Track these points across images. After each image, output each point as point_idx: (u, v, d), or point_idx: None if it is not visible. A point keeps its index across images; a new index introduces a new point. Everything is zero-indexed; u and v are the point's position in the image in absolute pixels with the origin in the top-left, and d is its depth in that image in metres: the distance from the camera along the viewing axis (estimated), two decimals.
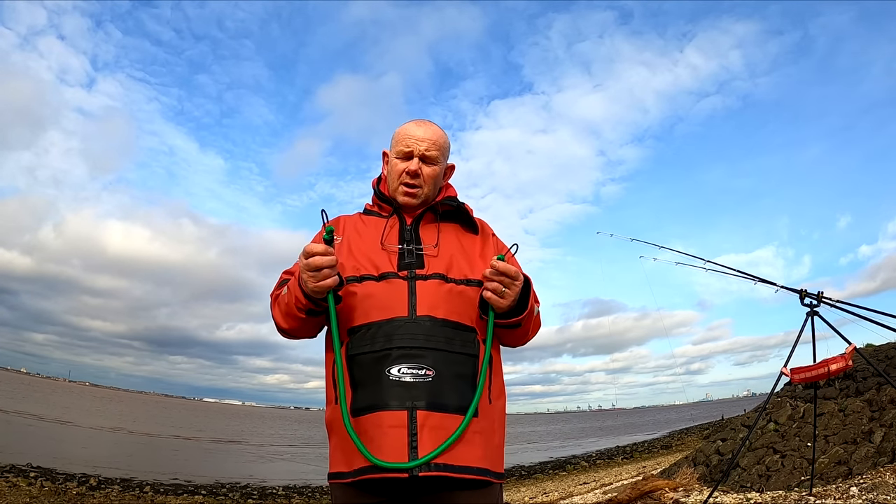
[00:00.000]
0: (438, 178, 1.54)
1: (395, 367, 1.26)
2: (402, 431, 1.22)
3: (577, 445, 31.16)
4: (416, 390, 1.25)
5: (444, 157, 1.55)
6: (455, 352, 1.31)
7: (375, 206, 1.59)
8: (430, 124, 1.54)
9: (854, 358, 4.01)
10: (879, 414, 6.59)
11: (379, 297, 1.34)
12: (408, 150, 1.48)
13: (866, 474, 5.29)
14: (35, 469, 12.32)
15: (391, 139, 1.57)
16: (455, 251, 1.46)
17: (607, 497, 7.70)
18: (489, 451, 1.31)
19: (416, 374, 1.26)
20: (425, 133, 1.50)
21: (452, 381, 1.29)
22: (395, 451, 1.20)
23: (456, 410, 1.26)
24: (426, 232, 1.49)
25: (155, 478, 13.87)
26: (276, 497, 13.18)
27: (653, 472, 10.84)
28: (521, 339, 1.48)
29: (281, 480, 16.26)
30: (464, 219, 1.56)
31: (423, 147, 1.48)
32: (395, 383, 1.25)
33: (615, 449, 25.19)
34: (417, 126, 1.52)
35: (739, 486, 6.75)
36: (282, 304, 1.40)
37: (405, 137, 1.50)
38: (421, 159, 1.48)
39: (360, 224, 1.54)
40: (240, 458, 24.25)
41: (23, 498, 9.20)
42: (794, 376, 4.12)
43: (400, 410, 1.23)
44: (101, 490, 11.12)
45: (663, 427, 43.34)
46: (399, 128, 1.55)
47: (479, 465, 1.26)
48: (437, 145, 1.50)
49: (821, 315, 4.09)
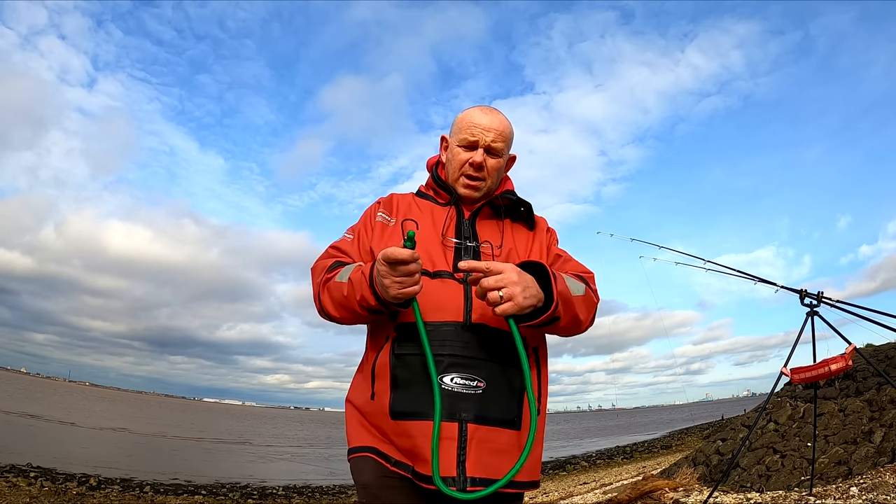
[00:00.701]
0: (501, 170, 1.44)
1: (448, 375, 1.20)
2: (451, 444, 1.17)
3: (577, 445, 31.14)
4: (466, 402, 1.20)
5: (509, 149, 1.44)
6: (506, 362, 1.25)
7: (431, 191, 1.50)
8: (497, 112, 1.43)
9: (854, 358, 4.01)
10: (879, 414, 6.59)
11: (433, 297, 1.25)
12: (473, 139, 1.38)
13: (866, 474, 5.29)
14: (35, 469, 12.31)
15: (452, 124, 1.46)
16: (512, 252, 1.38)
17: (607, 497, 7.70)
18: (534, 463, 1.27)
19: (467, 385, 1.20)
20: (492, 122, 1.39)
21: (501, 393, 1.23)
22: (444, 464, 1.15)
23: (500, 423, 1.21)
24: (484, 228, 1.41)
25: (155, 478, 13.86)
26: (276, 497, 13.18)
27: (653, 472, 10.84)
28: (575, 327, 1.32)
29: (281, 480, 16.25)
30: (522, 215, 1.47)
31: (489, 138, 1.38)
32: (447, 393, 1.19)
33: (615, 449, 25.18)
34: (483, 114, 1.41)
35: (739, 486, 6.75)
36: (336, 294, 1.29)
37: (470, 125, 1.39)
38: (486, 150, 1.38)
39: (414, 208, 1.45)
40: (240, 458, 24.24)
41: (23, 498, 9.19)
42: (794, 376, 4.13)
43: (451, 422, 1.18)
44: (101, 490, 11.12)
45: (663, 427, 43.32)
46: (462, 113, 1.44)
47: (524, 480, 1.24)
48: (504, 136, 1.40)
49: (821, 315, 4.09)
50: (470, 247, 1.36)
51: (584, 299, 1.30)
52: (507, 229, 1.43)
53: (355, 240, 1.44)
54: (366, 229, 1.45)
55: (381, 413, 1.25)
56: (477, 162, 1.37)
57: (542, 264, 1.23)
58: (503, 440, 1.21)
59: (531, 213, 1.47)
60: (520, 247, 1.41)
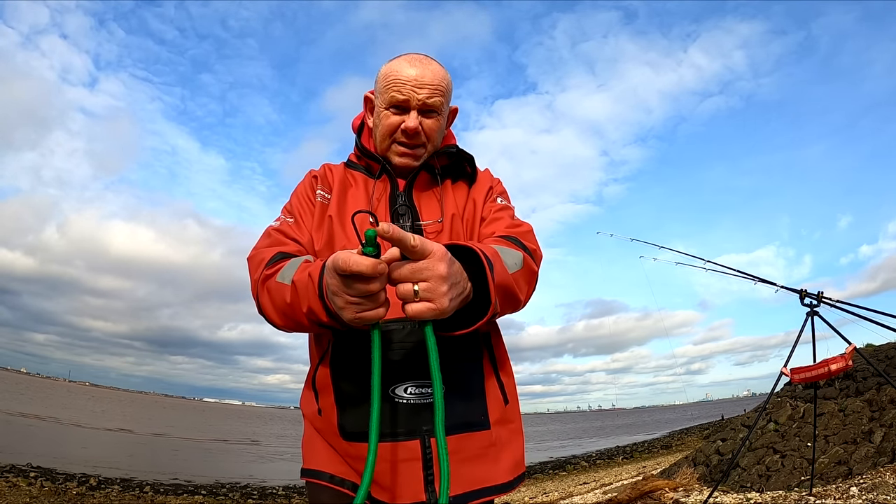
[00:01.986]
0: (443, 129, 1.19)
1: (401, 385, 1.01)
2: (415, 465, 1.00)
3: (577, 445, 31.13)
4: (426, 413, 1.01)
5: (447, 102, 1.18)
6: (457, 360, 1.06)
7: (361, 163, 1.24)
8: (429, 60, 1.14)
9: (854, 358, 4.01)
10: (879, 414, 6.59)
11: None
12: (402, 98, 1.11)
13: (866, 474, 5.29)
14: (35, 469, 12.30)
15: (377, 79, 1.17)
16: (458, 224, 1.16)
17: (607, 497, 7.69)
18: (505, 460, 1.10)
19: (423, 394, 1.02)
20: (423, 74, 1.11)
21: (459, 395, 1.05)
22: (408, 491, 0.99)
23: (466, 427, 1.05)
24: (424, 199, 1.18)
25: (155, 478, 13.85)
26: (276, 497, 13.17)
27: (653, 472, 10.84)
28: (513, 307, 1.06)
29: (281, 480, 16.23)
30: (465, 171, 1.24)
31: (422, 95, 1.11)
32: (403, 407, 1.01)
33: (615, 449, 25.17)
34: (412, 65, 1.12)
35: (739, 486, 6.75)
36: (278, 299, 1.00)
37: (397, 81, 1.11)
38: (420, 112, 1.12)
39: (349, 182, 1.21)
40: (240, 458, 24.23)
41: (23, 498, 9.19)
42: (794, 376, 4.12)
43: (410, 441, 1.00)
44: (101, 490, 11.11)
45: (663, 427, 43.31)
46: (386, 66, 1.15)
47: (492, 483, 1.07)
48: (441, 89, 1.13)
49: (821, 315, 4.09)
50: (405, 227, 1.11)
51: (523, 272, 1.04)
52: (448, 194, 1.19)
53: (296, 223, 1.16)
54: (305, 209, 1.18)
55: (332, 432, 1.07)
56: (411, 128, 1.11)
57: (472, 249, 0.92)
58: (474, 445, 1.05)
59: (474, 167, 1.25)
60: (472, 216, 1.19)
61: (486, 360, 1.12)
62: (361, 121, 1.29)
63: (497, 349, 1.16)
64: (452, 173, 1.23)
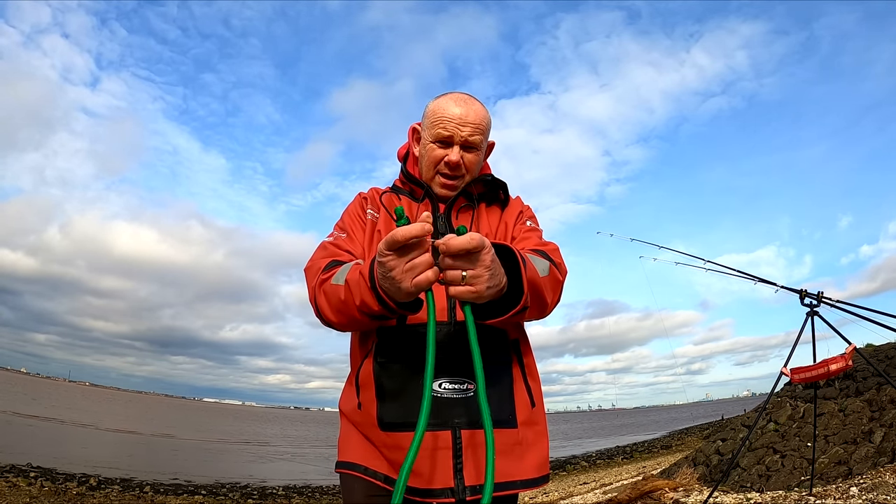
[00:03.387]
0: (480, 162, 1.35)
1: (437, 381, 1.13)
2: (447, 453, 1.10)
3: (577, 445, 31.12)
4: (458, 407, 1.12)
5: (487, 138, 1.33)
6: (495, 362, 1.18)
7: (406, 187, 1.40)
8: (472, 101, 1.30)
9: (854, 358, 4.01)
10: (879, 414, 6.59)
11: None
12: (447, 134, 1.26)
13: (866, 474, 5.29)
14: (35, 469, 12.31)
15: (424, 114, 1.34)
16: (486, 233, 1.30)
17: (607, 497, 7.70)
18: (529, 459, 1.19)
19: (457, 389, 1.14)
20: (467, 114, 1.26)
21: (493, 394, 1.15)
22: (440, 477, 1.09)
23: (498, 425, 1.13)
24: (461, 220, 1.33)
25: (155, 478, 13.86)
26: (276, 497, 13.17)
27: (653, 472, 10.84)
28: (540, 312, 1.18)
29: (281, 480, 16.25)
30: (499, 198, 1.39)
31: (465, 133, 1.26)
32: (438, 400, 1.12)
33: (615, 449, 25.17)
34: (457, 103, 1.27)
35: (739, 486, 6.75)
36: (333, 299, 1.12)
37: (443, 119, 1.26)
38: (462, 147, 1.27)
39: (394, 204, 1.36)
40: (240, 458, 24.23)
41: (23, 498, 9.19)
42: (794, 376, 4.13)
43: (443, 430, 1.11)
44: (101, 490, 11.12)
45: (663, 427, 43.31)
46: (433, 103, 1.31)
47: (517, 478, 1.15)
48: (481, 128, 1.28)
49: (821, 315, 4.09)
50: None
51: (550, 279, 1.16)
52: (483, 216, 1.34)
53: (348, 237, 1.31)
54: (356, 225, 1.34)
55: (370, 424, 1.18)
56: (453, 161, 1.26)
57: (510, 247, 1.06)
58: (501, 441, 1.14)
59: (507, 194, 1.40)
60: (504, 235, 1.34)
61: (515, 365, 1.23)
62: (407, 150, 1.44)
63: (526, 356, 1.28)
64: (487, 198, 1.39)
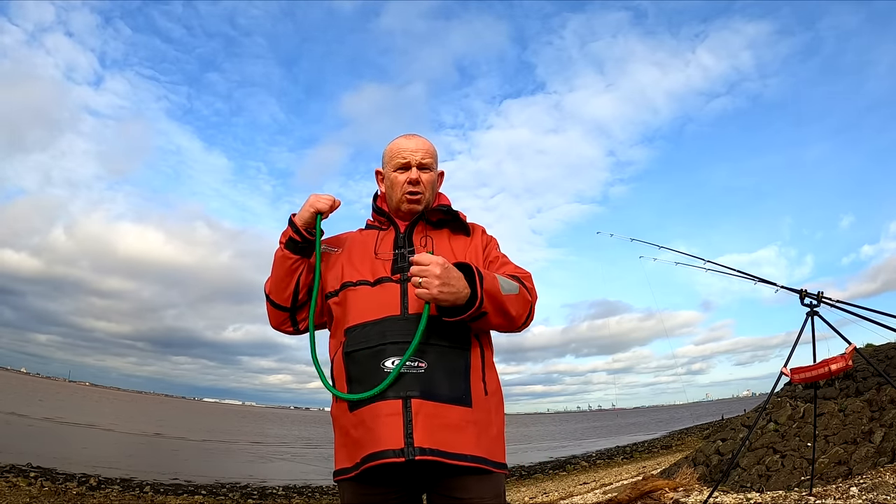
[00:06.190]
0: (435, 183, 1.65)
1: (389, 359, 1.33)
2: (397, 419, 1.27)
3: (577, 445, 31.14)
4: (410, 381, 1.31)
5: (437, 164, 1.65)
6: (446, 345, 1.37)
7: (376, 222, 1.69)
8: (418, 136, 1.65)
9: (854, 358, 4.01)
10: (879, 414, 6.59)
11: (374, 299, 1.43)
12: (404, 161, 1.58)
13: (866, 474, 5.29)
14: (35, 469, 12.31)
15: (383, 158, 1.66)
16: (445, 253, 1.53)
17: (607, 497, 7.69)
18: (484, 440, 1.35)
19: (408, 366, 1.32)
20: (417, 144, 1.61)
21: (445, 373, 1.34)
22: (391, 439, 1.26)
23: (449, 400, 1.32)
24: (419, 239, 1.58)
25: (155, 478, 13.86)
26: (276, 497, 13.18)
27: (653, 472, 10.84)
28: (509, 323, 1.44)
29: (281, 480, 16.26)
30: (457, 224, 1.64)
31: (418, 157, 1.58)
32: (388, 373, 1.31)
33: (615, 449, 25.18)
34: (408, 139, 1.63)
35: (739, 486, 6.75)
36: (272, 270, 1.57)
37: (399, 151, 1.60)
38: (418, 168, 1.58)
39: (359, 237, 1.65)
40: (240, 458, 24.23)
41: (23, 498, 9.19)
42: (795, 376, 4.12)
43: (395, 399, 1.29)
44: (101, 490, 11.12)
45: (663, 427, 43.32)
46: (389, 145, 1.65)
47: (473, 454, 1.30)
48: (430, 153, 1.62)
49: (821, 315, 4.08)
50: (406, 252, 1.53)
51: (517, 297, 1.43)
52: (444, 239, 1.60)
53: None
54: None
55: (344, 411, 1.38)
56: (413, 178, 1.57)
57: (468, 264, 1.36)
58: (454, 416, 1.31)
59: (463, 222, 1.63)
60: (458, 255, 1.55)
61: (474, 353, 1.43)
62: (375, 195, 1.73)
63: (486, 349, 1.48)
64: (451, 226, 1.63)
